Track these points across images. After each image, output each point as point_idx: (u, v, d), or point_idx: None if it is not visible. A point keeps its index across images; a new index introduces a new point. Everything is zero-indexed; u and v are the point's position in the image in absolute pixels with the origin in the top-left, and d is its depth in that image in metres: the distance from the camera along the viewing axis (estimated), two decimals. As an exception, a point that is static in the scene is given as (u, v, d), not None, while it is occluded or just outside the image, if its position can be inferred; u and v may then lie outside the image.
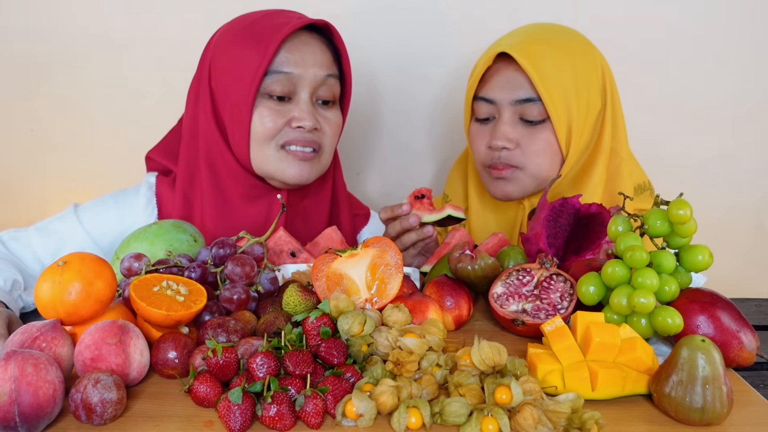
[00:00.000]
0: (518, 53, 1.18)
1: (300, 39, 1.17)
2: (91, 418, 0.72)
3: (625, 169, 1.27)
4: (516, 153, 1.22)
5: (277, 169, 1.19)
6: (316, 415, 0.73)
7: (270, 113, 1.16)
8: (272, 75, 1.15)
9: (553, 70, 1.18)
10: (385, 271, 0.94)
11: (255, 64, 1.13)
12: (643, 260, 0.86)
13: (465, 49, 1.64)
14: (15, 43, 1.66)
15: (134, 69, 1.68)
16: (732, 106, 1.72)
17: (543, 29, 1.27)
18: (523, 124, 1.22)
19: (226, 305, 0.94)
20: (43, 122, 1.72)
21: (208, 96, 1.20)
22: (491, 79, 1.23)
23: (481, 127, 1.27)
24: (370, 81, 1.70)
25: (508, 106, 1.21)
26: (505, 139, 1.21)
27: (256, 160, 1.19)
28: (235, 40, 1.17)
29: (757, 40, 1.68)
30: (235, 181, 1.22)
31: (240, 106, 1.15)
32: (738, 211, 1.79)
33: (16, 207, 1.77)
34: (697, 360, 0.75)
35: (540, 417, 0.72)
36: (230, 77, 1.16)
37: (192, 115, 1.23)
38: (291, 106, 1.18)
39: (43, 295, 0.82)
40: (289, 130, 1.17)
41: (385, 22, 1.66)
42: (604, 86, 1.24)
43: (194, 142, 1.23)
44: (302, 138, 1.17)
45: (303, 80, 1.16)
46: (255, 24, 1.18)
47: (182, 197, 1.24)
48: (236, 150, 1.20)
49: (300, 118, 1.16)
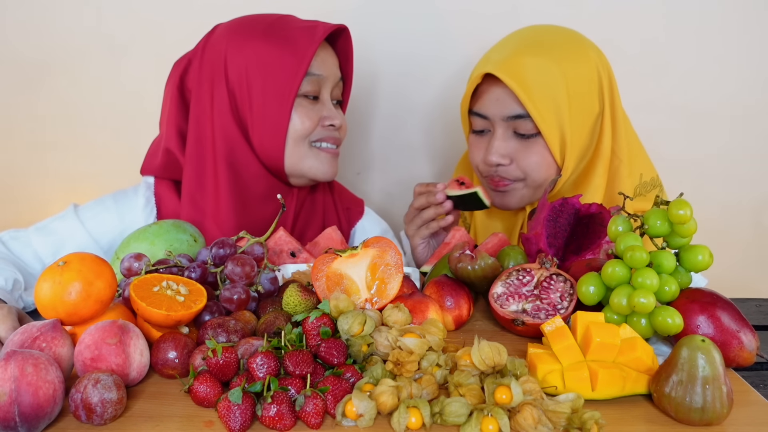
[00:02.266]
0: (503, 73, 1.16)
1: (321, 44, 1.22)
2: (91, 418, 0.72)
3: (625, 170, 1.26)
4: (512, 168, 1.22)
5: (312, 166, 1.24)
6: (316, 415, 0.73)
7: (307, 113, 1.21)
8: (307, 77, 1.19)
9: (541, 83, 1.16)
10: (385, 271, 0.94)
11: (293, 67, 1.17)
12: (643, 260, 0.86)
13: (465, 49, 1.64)
14: (15, 42, 1.66)
15: (134, 69, 1.68)
16: (731, 105, 1.72)
17: (532, 36, 1.24)
18: (516, 138, 1.21)
19: (226, 305, 0.94)
20: (43, 122, 1.72)
21: (225, 96, 1.20)
22: (483, 95, 1.23)
23: (478, 139, 1.27)
24: (370, 81, 1.70)
25: (501, 122, 1.21)
26: (499, 155, 1.21)
27: (290, 158, 1.22)
28: (262, 42, 1.18)
29: (756, 40, 1.68)
30: (255, 181, 1.24)
31: (276, 106, 1.18)
32: (738, 210, 1.79)
33: (17, 207, 1.77)
34: (697, 360, 0.75)
35: (540, 417, 0.72)
36: (258, 78, 1.18)
37: (196, 116, 1.22)
38: (320, 105, 1.23)
39: (43, 295, 0.82)
40: (321, 129, 1.23)
41: (386, 23, 1.66)
42: (602, 88, 1.22)
43: (204, 143, 1.22)
44: (331, 135, 1.25)
45: (327, 82, 1.23)
46: (276, 26, 1.20)
47: (189, 200, 1.23)
48: (263, 149, 1.21)
49: (331, 117, 1.23)
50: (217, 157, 1.21)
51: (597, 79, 1.21)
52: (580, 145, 1.21)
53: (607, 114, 1.24)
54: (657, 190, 1.31)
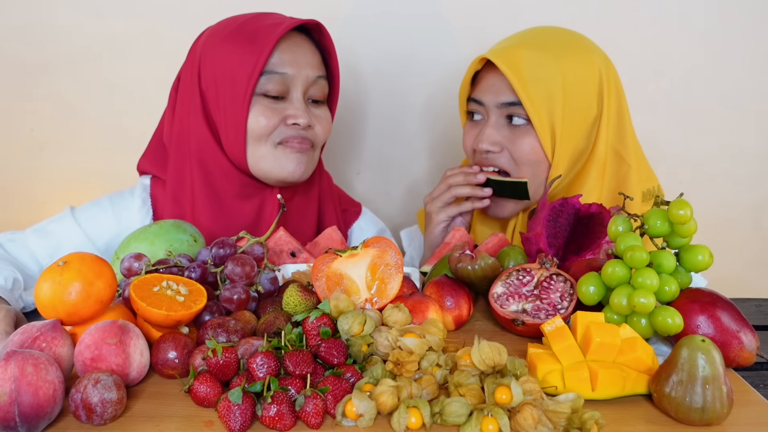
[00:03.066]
0: (498, 58, 1.20)
1: (292, 40, 1.19)
2: (91, 418, 0.72)
3: (634, 176, 1.26)
4: (502, 156, 1.24)
5: (275, 166, 1.19)
6: (316, 415, 0.73)
7: (265, 111, 1.17)
8: (267, 75, 1.16)
9: (537, 75, 1.18)
10: (385, 271, 0.94)
11: (250, 65, 1.15)
12: (643, 260, 0.86)
13: (464, 49, 1.64)
14: (15, 43, 1.66)
15: (134, 70, 1.68)
16: (732, 106, 1.72)
17: (537, 34, 1.26)
18: (508, 127, 1.23)
19: (226, 305, 0.94)
20: (43, 122, 1.72)
21: (197, 98, 1.21)
22: (481, 81, 1.26)
23: (472, 126, 1.30)
24: (370, 80, 1.70)
25: (495, 109, 1.23)
26: (489, 142, 1.23)
27: (252, 159, 1.19)
28: (227, 42, 1.18)
29: (756, 40, 1.68)
30: (227, 180, 1.23)
31: (235, 105, 1.16)
32: (738, 211, 1.79)
33: (16, 207, 1.77)
34: (697, 360, 0.75)
35: (540, 417, 0.72)
36: (223, 78, 1.17)
37: (179, 117, 1.24)
38: (285, 104, 1.19)
39: (43, 295, 0.82)
40: (284, 128, 1.19)
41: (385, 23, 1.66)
42: (602, 92, 1.22)
43: (183, 144, 1.24)
44: (297, 135, 1.19)
45: (296, 80, 1.18)
46: (246, 25, 1.19)
47: (172, 198, 1.25)
48: (229, 150, 1.20)
49: (295, 115, 1.18)
50: (193, 158, 1.23)
51: (597, 83, 1.22)
52: (573, 144, 1.22)
53: (605, 118, 1.24)
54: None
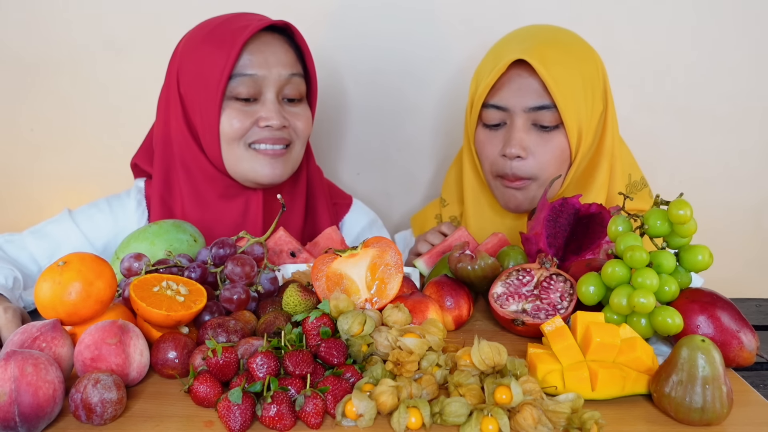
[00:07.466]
0: (534, 59, 1.16)
1: (262, 41, 1.19)
2: (91, 418, 0.72)
3: (619, 167, 1.28)
4: (529, 162, 1.20)
5: (250, 169, 1.20)
6: (316, 415, 0.73)
7: (237, 114, 1.18)
8: (237, 78, 1.16)
9: (565, 75, 1.17)
10: (385, 271, 0.94)
11: (219, 68, 1.16)
12: (643, 260, 0.86)
13: (465, 49, 1.64)
14: (14, 43, 1.66)
15: (133, 70, 1.68)
16: (732, 106, 1.72)
17: (547, 32, 1.25)
18: (536, 130, 1.20)
19: (226, 305, 0.94)
20: (43, 123, 1.72)
21: (178, 101, 1.22)
22: (503, 86, 1.20)
23: (490, 134, 1.24)
24: (370, 80, 1.70)
25: (521, 113, 1.19)
26: (520, 147, 1.18)
27: (228, 162, 1.21)
28: (200, 45, 1.19)
29: (756, 40, 1.68)
30: (210, 182, 1.24)
31: (208, 109, 1.17)
32: (738, 211, 1.79)
33: (16, 207, 1.77)
34: (697, 360, 0.75)
35: (540, 417, 0.72)
36: (197, 82, 1.18)
37: (163, 121, 1.25)
38: (258, 106, 1.19)
39: (43, 295, 0.82)
40: (257, 130, 1.19)
41: (385, 22, 1.66)
42: (605, 88, 1.25)
43: (167, 147, 1.25)
44: (271, 136, 1.19)
45: (267, 81, 1.18)
46: (218, 29, 1.19)
47: (160, 200, 1.26)
48: (209, 152, 1.22)
49: (267, 117, 1.18)
50: (176, 160, 1.24)
51: (601, 80, 1.24)
52: (589, 141, 1.23)
53: (610, 112, 1.26)
54: (646, 189, 1.32)
